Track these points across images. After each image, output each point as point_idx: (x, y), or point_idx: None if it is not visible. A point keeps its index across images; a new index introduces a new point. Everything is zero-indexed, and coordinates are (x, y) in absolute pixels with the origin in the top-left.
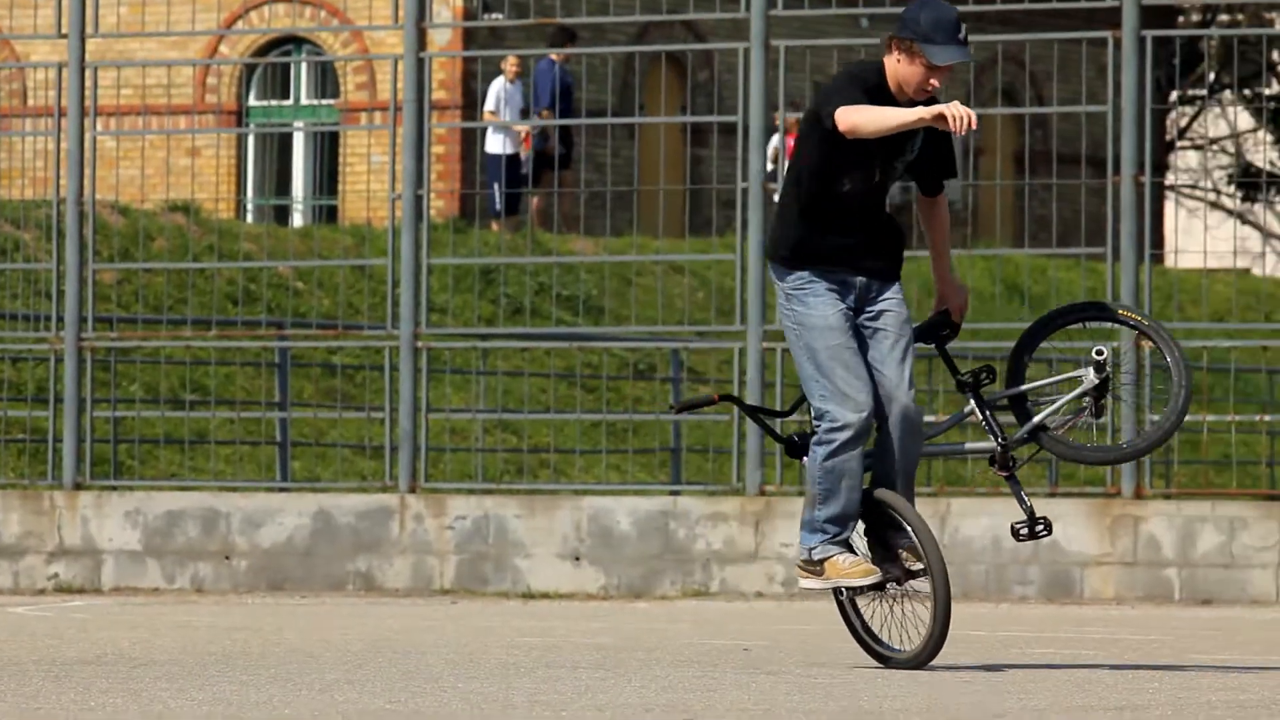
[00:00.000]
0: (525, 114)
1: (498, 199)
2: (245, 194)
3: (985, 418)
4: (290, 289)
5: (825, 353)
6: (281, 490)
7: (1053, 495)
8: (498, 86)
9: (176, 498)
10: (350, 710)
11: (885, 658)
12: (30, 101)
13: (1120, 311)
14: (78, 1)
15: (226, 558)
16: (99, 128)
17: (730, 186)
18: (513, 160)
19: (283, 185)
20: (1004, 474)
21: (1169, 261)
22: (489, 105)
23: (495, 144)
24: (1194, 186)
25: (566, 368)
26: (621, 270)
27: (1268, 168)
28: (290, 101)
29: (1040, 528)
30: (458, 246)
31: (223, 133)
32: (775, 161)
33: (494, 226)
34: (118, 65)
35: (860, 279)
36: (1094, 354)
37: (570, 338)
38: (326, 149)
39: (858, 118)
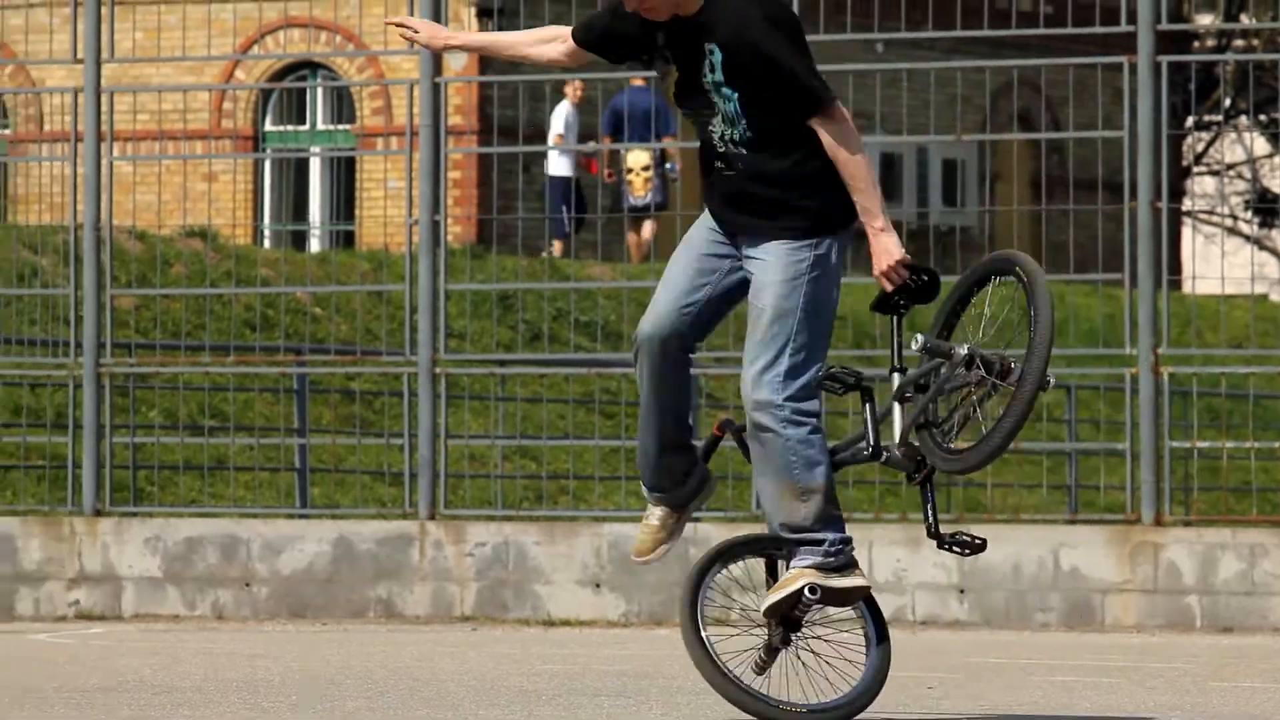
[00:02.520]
0: (585, 139)
1: (566, 222)
2: (263, 219)
3: (868, 420)
4: (308, 315)
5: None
6: (301, 517)
7: (1072, 522)
8: (564, 110)
9: (196, 524)
10: None
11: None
12: (47, 126)
13: (1016, 267)
14: (94, 27)
15: (247, 584)
16: (115, 153)
17: None
18: (569, 184)
19: (300, 210)
20: (915, 482)
21: (1186, 287)
22: (555, 129)
23: (560, 166)
24: (1210, 212)
25: (585, 394)
26: (640, 296)
27: None
28: (306, 127)
29: (951, 546)
30: (475, 272)
31: (239, 158)
32: None
33: (555, 248)
34: (134, 90)
35: (728, 230)
36: (913, 344)
37: (589, 364)
38: (343, 174)
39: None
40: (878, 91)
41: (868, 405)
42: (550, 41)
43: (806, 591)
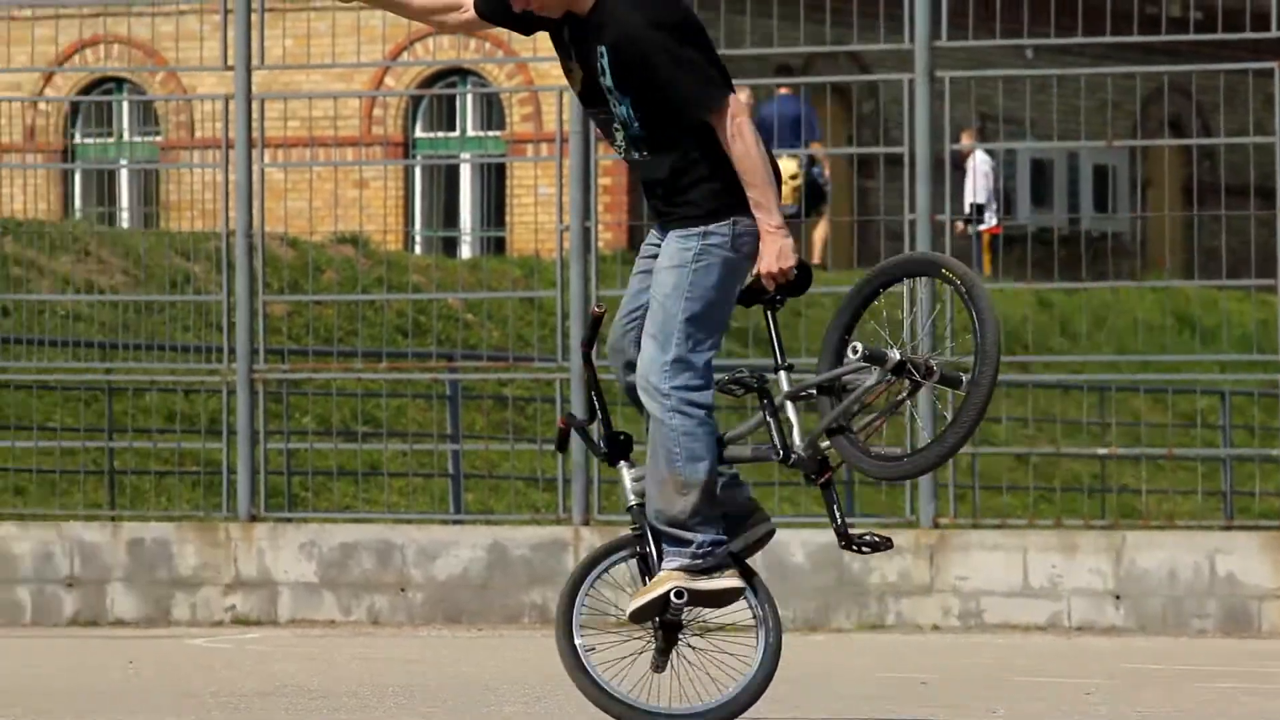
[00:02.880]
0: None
1: None
2: (413, 226)
3: (770, 421)
4: (460, 321)
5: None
6: (456, 522)
7: (1228, 529)
8: None
9: (351, 530)
10: None
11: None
12: (198, 133)
13: (944, 270)
14: (244, 34)
15: (402, 589)
16: (266, 159)
17: (897, 218)
18: None
19: (451, 217)
20: (816, 483)
21: None
22: None
23: None
24: None
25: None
26: (791, 302)
27: None
28: (456, 133)
29: (859, 546)
30: (626, 278)
31: (390, 164)
32: None
33: None
34: (284, 97)
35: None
36: (850, 351)
37: (734, 369)
38: (494, 180)
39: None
40: (1028, 98)
41: (768, 407)
42: (451, 10)
43: (673, 595)
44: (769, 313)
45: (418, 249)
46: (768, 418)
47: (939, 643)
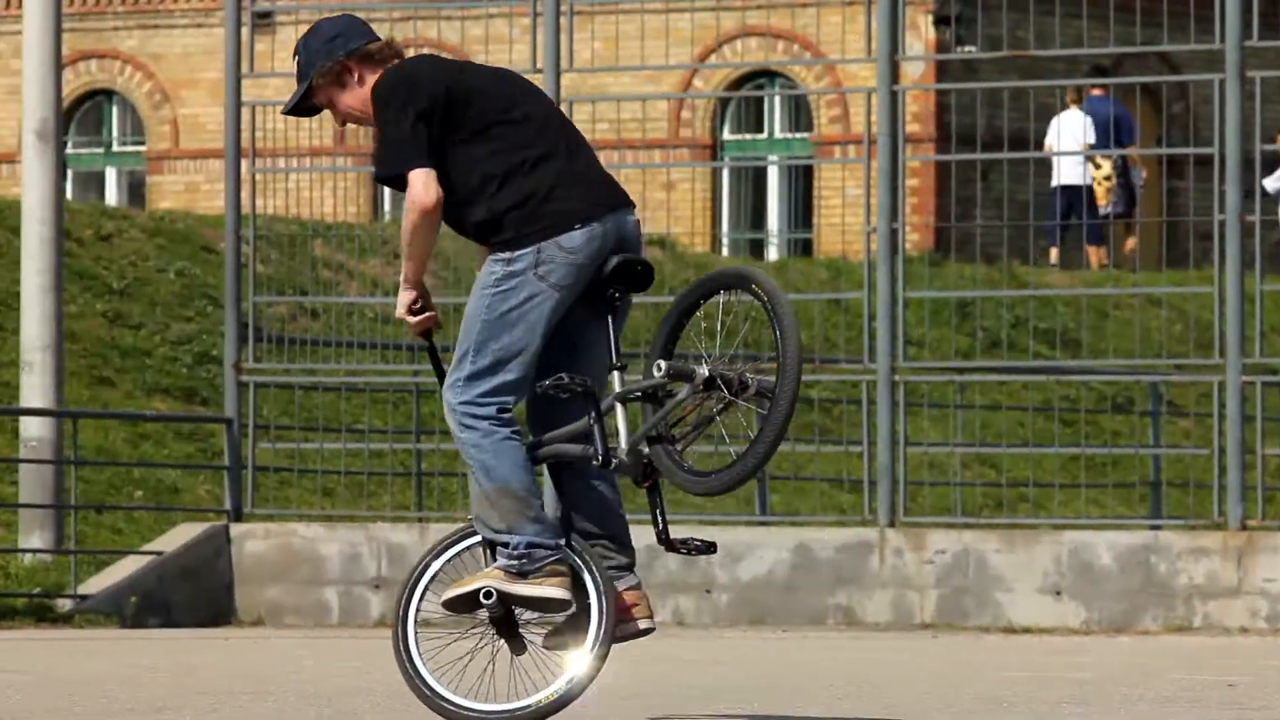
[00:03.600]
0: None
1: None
2: (720, 228)
3: (595, 426)
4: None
5: None
6: (761, 524)
7: None
8: (1074, 118)
9: None
10: None
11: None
12: None
13: (753, 285)
14: (553, 37)
15: (707, 591)
16: None
17: (1207, 219)
18: (1077, 192)
19: (757, 218)
20: (642, 486)
21: None
22: (1049, 137)
23: (1072, 175)
24: None
25: (1044, 401)
26: (1098, 303)
27: None
28: (764, 135)
29: (685, 549)
30: (933, 280)
31: (697, 166)
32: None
33: (1091, 256)
34: (593, 100)
35: None
36: (654, 369)
37: (1047, 371)
38: (801, 182)
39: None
40: None
41: (594, 412)
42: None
43: (481, 595)
44: (610, 312)
45: (725, 251)
46: (592, 422)
47: (1247, 645)
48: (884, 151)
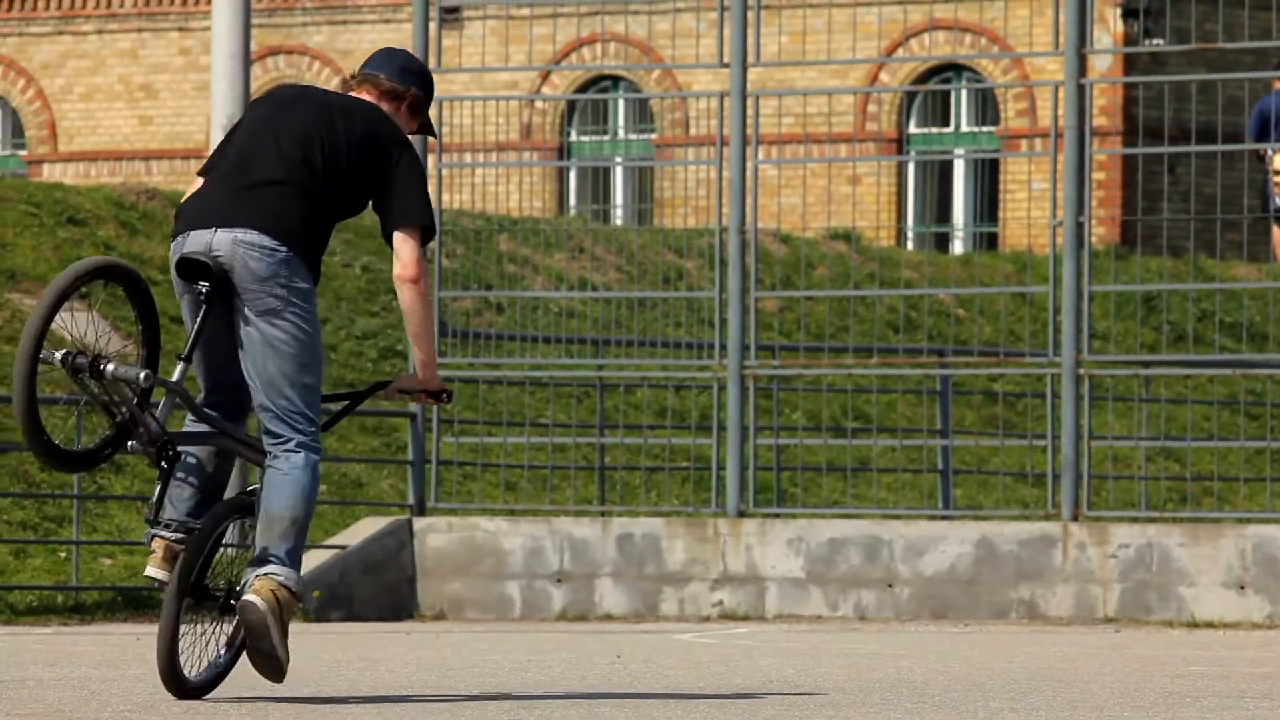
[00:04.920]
0: None
1: None
2: (906, 221)
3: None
4: (951, 316)
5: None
6: (944, 518)
7: None
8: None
9: (838, 525)
10: None
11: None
12: (692, 131)
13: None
14: (740, 31)
15: (889, 585)
16: (760, 156)
17: None
18: None
19: (943, 212)
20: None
21: None
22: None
23: None
24: None
25: (1230, 395)
26: None
27: None
28: (950, 129)
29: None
30: (1119, 273)
31: (883, 160)
32: None
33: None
34: (779, 94)
35: None
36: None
37: (1234, 365)
38: (987, 176)
39: (417, 300)
40: None
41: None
42: None
43: None
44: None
45: (910, 245)
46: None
47: None
48: (1070, 145)
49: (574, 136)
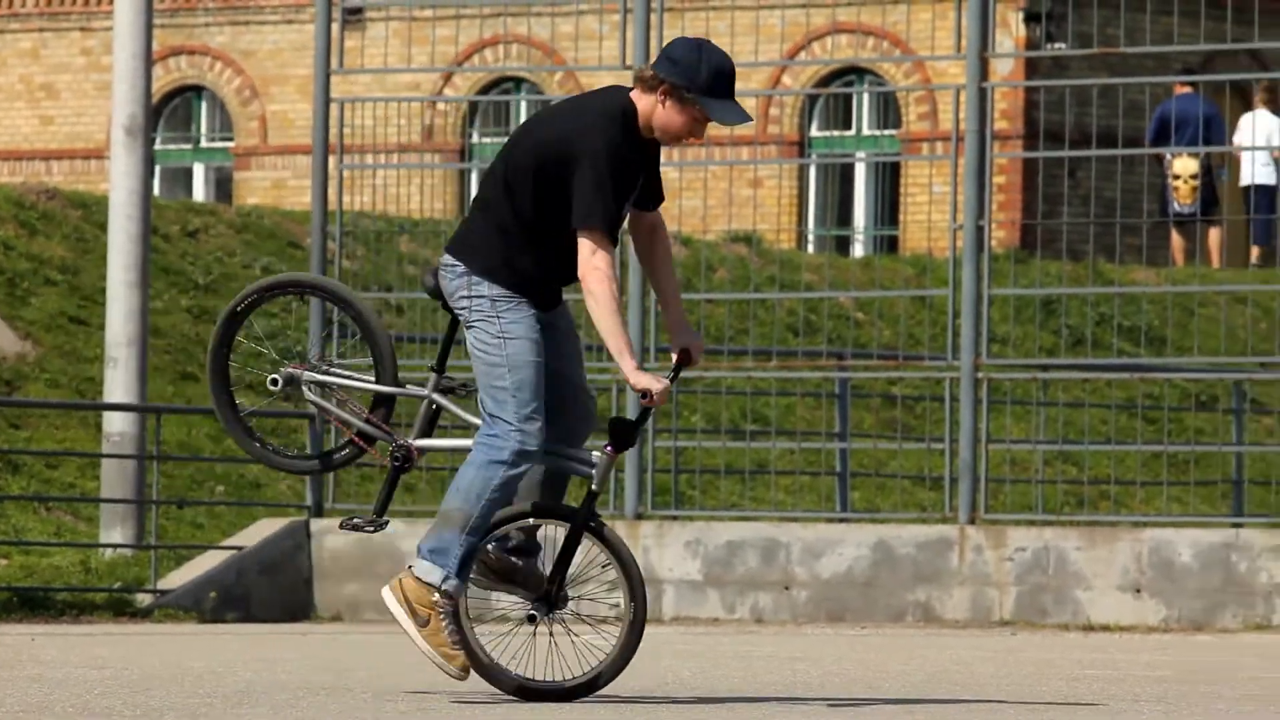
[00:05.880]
0: None
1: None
2: (806, 224)
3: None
4: (851, 319)
5: (531, 368)
6: (841, 521)
7: None
8: (1264, 119)
9: (736, 528)
10: None
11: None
12: None
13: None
14: (643, 34)
15: (786, 588)
16: (662, 159)
17: None
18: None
19: (844, 215)
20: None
21: None
22: (1238, 137)
23: (1265, 175)
24: None
25: (1128, 399)
26: (1183, 300)
27: None
28: (852, 132)
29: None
30: (1019, 277)
31: (784, 163)
32: None
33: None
34: None
35: (542, 312)
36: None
37: (1132, 369)
38: (888, 179)
39: (604, 296)
40: None
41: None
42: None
43: None
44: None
45: (810, 248)
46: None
47: None
48: (971, 148)
49: (476, 138)
